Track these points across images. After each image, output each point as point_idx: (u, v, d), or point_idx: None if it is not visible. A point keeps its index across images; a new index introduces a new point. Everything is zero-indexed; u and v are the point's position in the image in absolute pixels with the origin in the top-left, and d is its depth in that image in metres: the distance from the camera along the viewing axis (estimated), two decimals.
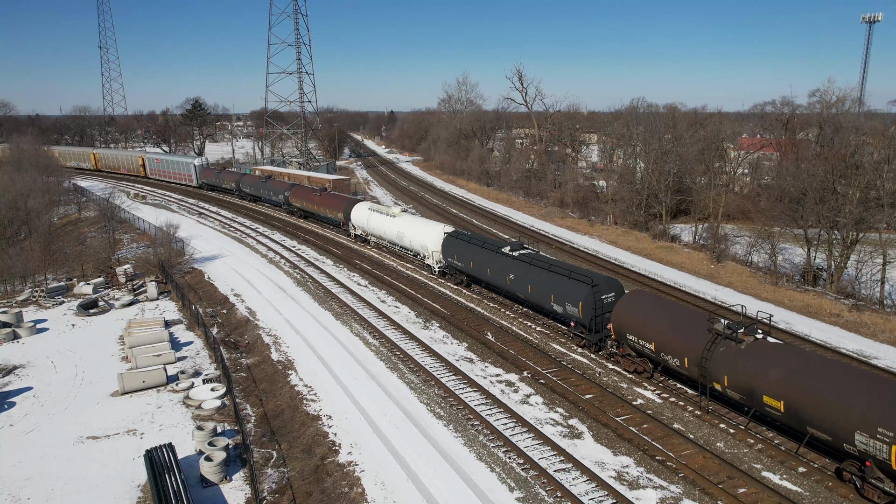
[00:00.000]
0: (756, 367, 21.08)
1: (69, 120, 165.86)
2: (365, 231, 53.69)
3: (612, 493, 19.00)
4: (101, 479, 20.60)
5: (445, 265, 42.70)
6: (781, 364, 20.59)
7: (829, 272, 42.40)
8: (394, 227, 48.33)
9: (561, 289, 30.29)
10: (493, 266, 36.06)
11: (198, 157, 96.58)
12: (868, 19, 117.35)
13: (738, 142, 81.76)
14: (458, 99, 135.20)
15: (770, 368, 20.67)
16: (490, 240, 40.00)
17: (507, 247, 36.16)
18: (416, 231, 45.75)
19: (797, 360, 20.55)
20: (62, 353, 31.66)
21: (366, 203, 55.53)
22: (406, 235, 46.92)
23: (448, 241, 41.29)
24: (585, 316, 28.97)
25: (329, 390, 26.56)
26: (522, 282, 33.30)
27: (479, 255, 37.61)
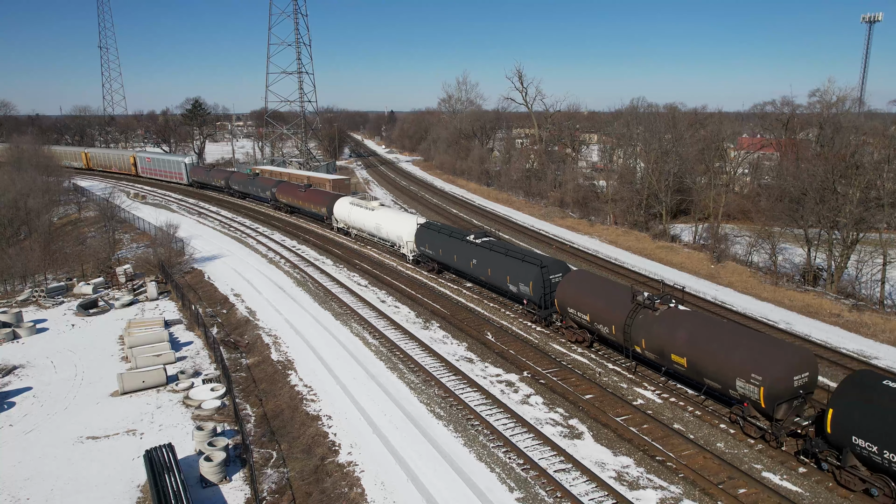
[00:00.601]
0: (666, 330, 24.60)
1: (69, 120, 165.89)
2: (346, 224, 56.95)
3: (612, 493, 18.99)
4: (100, 479, 20.59)
5: (419, 253, 45.86)
6: (686, 327, 24.09)
7: (830, 272, 42.37)
8: (372, 219, 51.68)
9: (515, 270, 33.88)
10: (459, 253, 39.48)
11: (188, 156, 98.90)
12: (868, 19, 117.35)
13: (739, 142, 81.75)
14: (458, 99, 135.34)
15: (677, 331, 24.20)
16: (457, 229, 43.87)
17: (471, 235, 39.78)
18: (392, 223, 48.98)
19: (698, 324, 24.16)
20: (62, 353, 31.64)
21: (347, 198, 58.61)
22: (383, 227, 50.25)
23: (420, 231, 44.58)
24: (536, 294, 32.37)
25: (329, 390, 26.55)
26: (483, 266, 36.90)
27: (447, 244, 41.07)
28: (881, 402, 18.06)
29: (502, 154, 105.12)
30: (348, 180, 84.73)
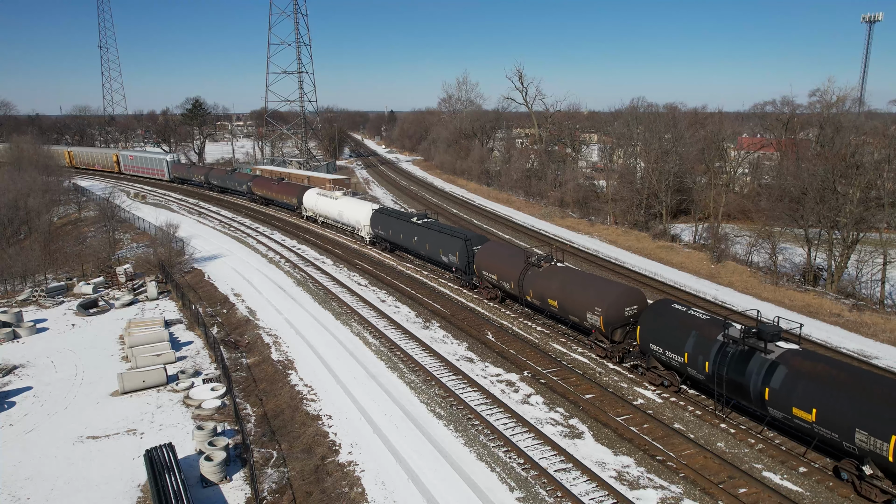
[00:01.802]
0: (546, 281, 31.84)
1: (69, 119, 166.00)
2: (314, 212, 63.60)
3: (612, 493, 18.98)
4: (101, 479, 20.59)
5: (374, 235, 52.36)
6: (559, 278, 31.43)
7: (830, 272, 42.37)
8: (335, 207, 58.74)
9: (446, 244, 40.98)
10: (405, 232, 46.24)
11: (169, 154, 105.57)
12: (868, 19, 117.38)
13: (739, 141, 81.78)
14: (458, 98, 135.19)
15: (552, 282, 31.47)
16: (403, 213, 51.92)
17: (414, 217, 46.50)
18: (352, 209, 55.98)
19: (567, 275, 31.61)
20: (62, 352, 31.64)
21: (314, 189, 65.44)
22: (345, 213, 57.15)
23: (374, 216, 51.30)
24: (461, 262, 39.64)
25: (329, 390, 26.55)
26: (423, 242, 43.73)
27: (395, 225, 47.76)
28: (666, 318, 25.44)
29: (502, 154, 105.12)
30: (348, 180, 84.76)
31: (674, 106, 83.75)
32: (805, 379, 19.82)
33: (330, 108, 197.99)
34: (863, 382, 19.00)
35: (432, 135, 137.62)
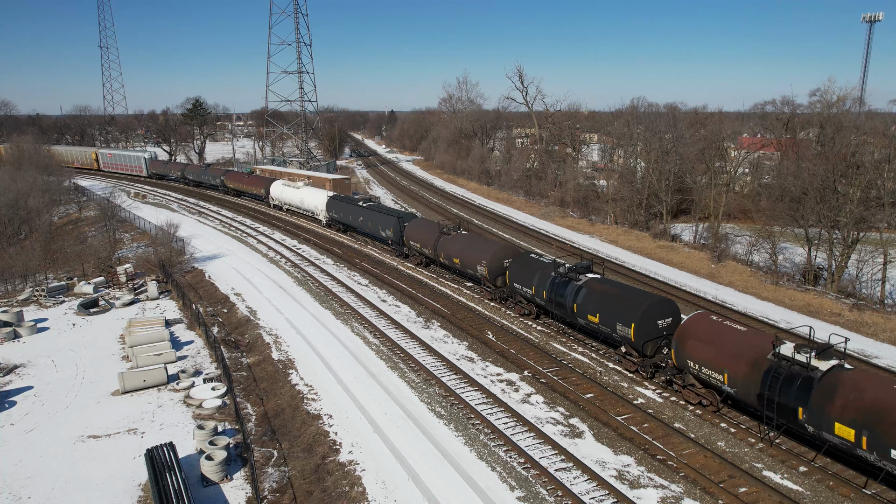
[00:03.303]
0: (452, 245, 41.02)
1: (70, 119, 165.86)
2: (280, 201, 71.08)
3: (612, 492, 19.00)
4: (101, 478, 20.60)
5: (329, 218, 60.71)
6: (461, 242, 40.59)
7: (830, 272, 42.37)
8: (298, 195, 66.75)
9: (383, 222, 50.03)
10: (353, 214, 55.14)
11: (146, 152, 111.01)
12: (869, 19, 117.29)
13: (739, 141, 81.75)
14: (458, 98, 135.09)
15: (456, 244, 40.71)
16: (352, 198, 59.83)
17: (360, 202, 56.10)
18: (311, 196, 64.32)
19: (466, 239, 40.76)
20: (63, 352, 31.66)
21: (280, 181, 73.31)
22: (305, 200, 65.09)
23: (330, 201, 60.06)
24: (395, 236, 48.35)
25: (330, 389, 26.56)
26: (367, 222, 52.66)
27: (346, 209, 56.69)
28: (523, 264, 34.44)
29: (503, 154, 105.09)
30: (348, 180, 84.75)
31: (674, 106, 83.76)
32: (595, 295, 28.59)
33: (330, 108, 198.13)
34: (623, 294, 27.78)
35: (432, 134, 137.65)
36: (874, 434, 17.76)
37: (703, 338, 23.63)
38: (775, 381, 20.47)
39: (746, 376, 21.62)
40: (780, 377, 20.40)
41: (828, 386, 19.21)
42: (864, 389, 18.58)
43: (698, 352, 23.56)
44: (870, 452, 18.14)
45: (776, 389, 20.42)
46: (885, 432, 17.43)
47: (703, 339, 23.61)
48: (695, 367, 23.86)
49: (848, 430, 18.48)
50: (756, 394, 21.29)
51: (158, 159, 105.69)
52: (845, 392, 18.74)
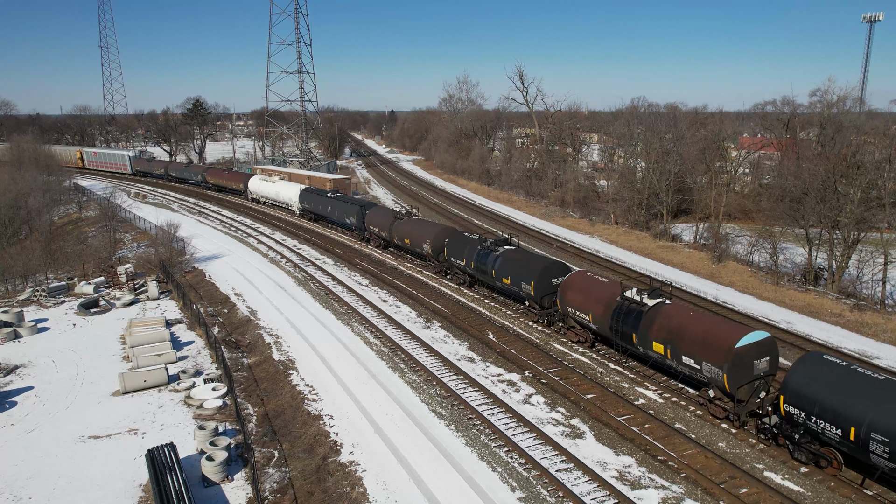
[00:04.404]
0: (404, 228, 47.65)
1: (70, 119, 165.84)
2: (257, 194, 76.65)
3: (613, 492, 18.99)
4: (102, 479, 20.60)
5: (302, 209, 66.99)
6: (411, 225, 47.29)
7: (831, 272, 42.36)
8: (273, 189, 72.49)
9: (347, 210, 56.68)
10: (322, 204, 61.63)
11: (131, 151, 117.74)
12: (869, 19, 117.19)
13: (739, 141, 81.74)
14: (458, 98, 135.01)
15: (406, 227, 47.45)
16: (321, 190, 67.61)
17: (328, 193, 63.38)
18: (286, 190, 70.14)
19: (418, 223, 47.62)
20: (63, 352, 31.65)
21: (258, 176, 79.26)
22: (281, 193, 70.94)
23: (302, 193, 66.69)
24: (357, 222, 54.99)
25: (330, 390, 26.56)
26: (334, 210, 59.25)
27: (316, 199, 63.17)
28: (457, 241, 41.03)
29: (503, 153, 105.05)
30: (349, 180, 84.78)
31: (674, 106, 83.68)
32: (507, 262, 35.14)
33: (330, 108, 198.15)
34: (528, 259, 34.46)
35: (433, 134, 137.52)
36: (674, 347, 24.29)
37: (577, 289, 30.16)
38: (619, 315, 27.01)
39: (603, 314, 28.08)
40: (622, 312, 26.92)
41: (650, 316, 25.59)
42: (671, 317, 24.91)
43: (574, 299, 30.16)
44: (672, 361, 24.62)
45: (619, 321, 26.95)
46: (679, 345, 24.09)
47: (577, 289, 30.13)
48: (572, 311, 30.50)
49: (660, 346, 24.99)
50: (609, 326, 27.74)
51: (142, 157, 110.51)
52: (659, 320, 25.14)
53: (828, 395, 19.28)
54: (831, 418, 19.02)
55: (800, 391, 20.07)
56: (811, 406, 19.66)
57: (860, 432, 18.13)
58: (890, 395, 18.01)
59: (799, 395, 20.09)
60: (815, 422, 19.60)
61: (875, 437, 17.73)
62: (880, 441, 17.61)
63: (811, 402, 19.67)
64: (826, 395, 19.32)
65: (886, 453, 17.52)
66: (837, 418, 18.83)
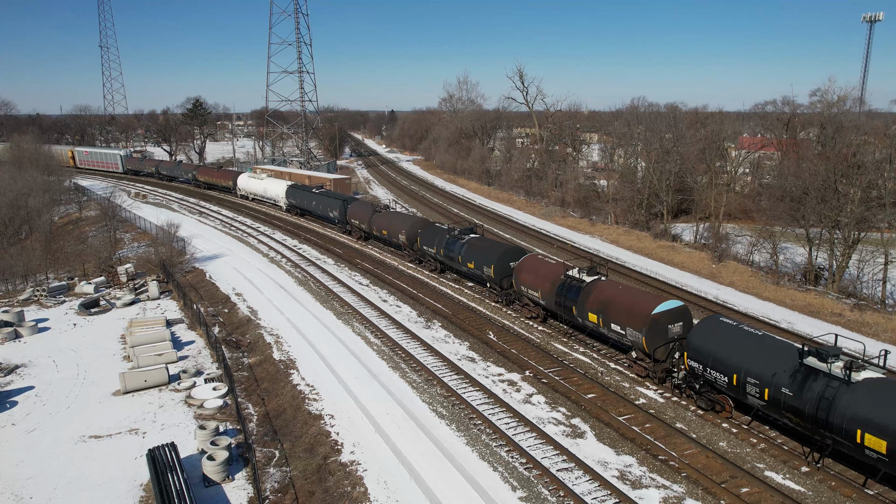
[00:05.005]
0: (382, 220, 51.07)
1: (70, 119, 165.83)
2: (246, 191, 79.13)
3: (614, 492, 18.99)
4: (103, 479, 20.60)
5: (289, 205, 70.31)
6: (387, 217, 50.93)
7: (831, 272, 42.37)
8: (261, 185, 75.60)
9: (331, 204, 60.11)
10: (307, 199, 65.21)
11: (122, 150, 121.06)
12: (869, 19, 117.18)
13: (739, 141, 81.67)
14: (458, 98, 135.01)
15: (385, 220, 50.89)
16: (307, 186, 70.88)
17: (313, 189, 66.95)
18: (273, 186, 73.37)
19: (394, 215, 51.45)
20: (64, 352, 31.65)
21: (246, 173, 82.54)
22: (268, 190, 74.05)
23: (289, 189, 70.10)
24: (340, 215, 58.45)
25: (331, 389, 26.55)
26: (318, 205, 62.94)
27: (301, 195, 66.79)
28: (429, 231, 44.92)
29: (503, 153, 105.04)
30: (349, 180, 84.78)
31: (674, 105, 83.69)
32: (472, 248, 38.89)
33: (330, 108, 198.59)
34: (489, 245, 38.33)
35: (433, 134, 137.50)
36: (605, 316, 27.85)
37: (529, 270, 33.84)
38: (562, 291, 30.85)
39: (549, 291, 31.85)
40: (565, 288, 30.71)
41: (587, 291, 29.28)
42: (603, 291, 28.57)
43: (527, 279, 33.71)
44: (604, 328, 28.14)
45: (563, 296, 30.75)
46: (608, 314, 27.64)
47: (529, 270, 33.82)
48: (525, 290, 33.97)
49: (594, 316, 28.60)
50: (554, 301, 31.53)
51: (133, 156, 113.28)
52: (594, 294, 28.79)
53: (718, 350, 22.92)
54: (721, 368, 22.69)
55: (699, 347, 23.69)
56: (706, 359, 23.30)
57: (740, 378, 21.90)
58: (763, 347, 21.77)
59: (698, 351, 23.71)
60: (709, 372, 23.29)
61: (750, 381, 21.56)
62: (753, 384, 21.47)
63: (706, 355, 23.29)
64: (717, 350, 22.97)
65: (757, 393, 21.39)
66: (725, 368, 22.51)
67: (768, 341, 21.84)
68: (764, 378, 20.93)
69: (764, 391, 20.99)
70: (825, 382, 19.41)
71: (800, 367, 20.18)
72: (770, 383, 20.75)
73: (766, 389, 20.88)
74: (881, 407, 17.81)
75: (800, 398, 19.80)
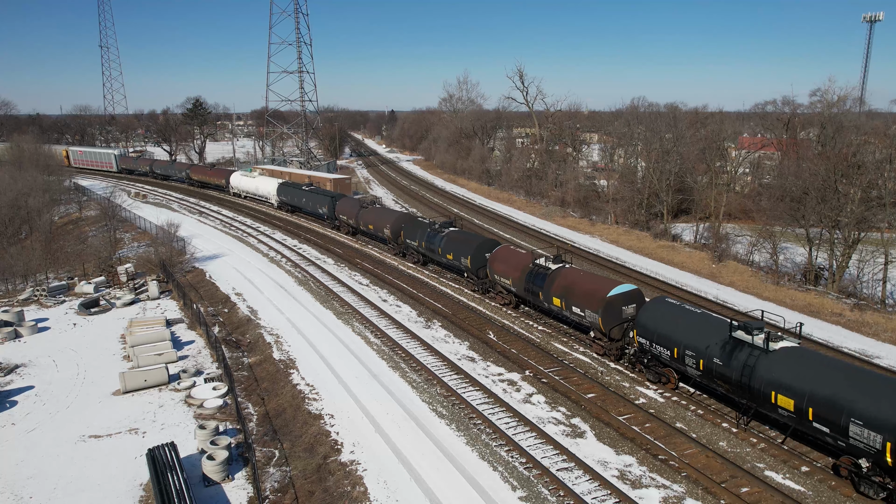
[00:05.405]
0: (368, 215, 53.14)
1: (70, 119, 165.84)
2: (239, 189, 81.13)
3: (614, 492, 18.98)
4: (103, 478, 20.60)
5: (280, 202, 71.92)
6: (374, 213, 53.00)
7: (831, 271, 42.36)
8: (253, 183, 77.82)
9: (320, 201, 62.27)
10: (298, 197, 67.45)
11: (116, 149, 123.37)
12: (869, 19, 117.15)
13: (739, 141, 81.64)
14: (458, 98, 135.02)
15: (371, 215, 52.87)
16: (296, 183, 72.51)
17: (303, 186, 68.87)
18: (264, 184, 75.48)
19: (380, 210, 53.35)
20: (64, 352, 31.65)
21: (239, 171, 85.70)
22: (260, 188, 76.09)
23: (280, 187, 71.94)
24: (329, 212, 60.49)
25: (331, 389, 26.55)
26: (308, 202, 65.06)
27: (293, 192, 68.79)
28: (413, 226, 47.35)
29: (503, 153, 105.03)
30: (349, 180, 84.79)
31: (674, 105, 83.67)
32: (451, 241, 41.37)
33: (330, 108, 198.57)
34: (466, 238, 40.78)
35: (433, 134, 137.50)
36: (567, 300, 30.35)
37: (501, 259, 36.44)
38: (530, 278, 33.29)
39: (519, 278, 34.24)
40: (533, 275, 33.13)
41: (552, 277, 31.76)
42: (566, 277, 31.11)
43: (499, 268, 36.32)
44: (566, 311, 30.63)
45: (531, 283, 33.18)
46: (570, 298, 30.13)
47: (501, 260, 36.42)
48: (499, 278, 36.54)
49: (558, 300, 31.08)
50: (524, 287, 33.96)
51: (127, 156, 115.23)
52: (558, 280, 31.25)
53: (663, 327, 25.42)
54: (664, 343, 25.18)
55: (646, 325, 26.23)
56: (653, 335, 25.81)
57: (680, 351, 24.37)
58: (699, 323, 24.29)
59: (645, 328, 26.25)
60: (655, 347, 25.75)
61: (688, 353, 24.02)
62: (691, 356, 23.92)
63: (653, 332, 25.80)
64: (661, 327, 25.48)
65: (694, 364, 23.88)
66: (668, 343, 25.01)
67: (705, 318, 24.47)
68: (699, 350, 23.47)
69: (699, 362, 23.52)
70: (749, 352, 21.78)
71: (729, 339, 22.56)
72: (704, 355, 23.26)
73: (701, 360, 23.41)
74: (791, 371, 20.35)
75: (728, 367, 22.26)
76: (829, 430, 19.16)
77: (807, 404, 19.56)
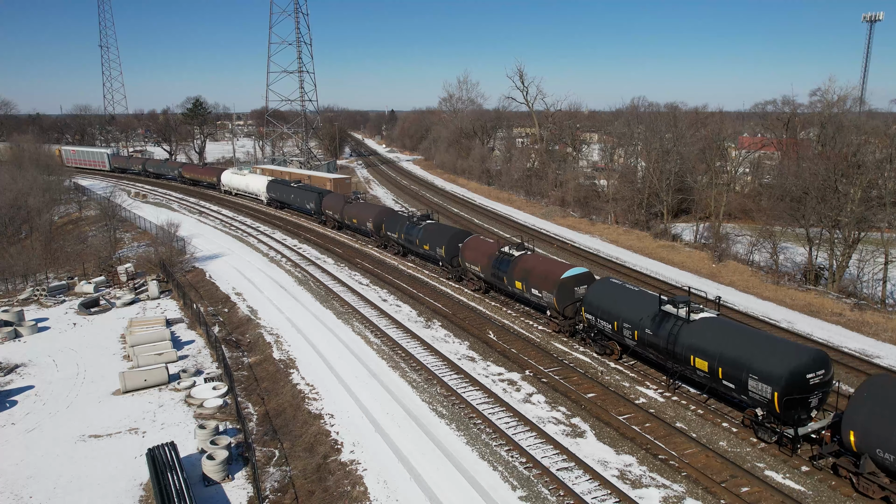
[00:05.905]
0: (352, 210, 56.09)
1: (70, 119, 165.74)
2: (230, 187, 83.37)
3: (615, 491, 18.98)
4: (103, 478, 20.59)
5: (269, 198, 74.76)
6: (358, 207, 56.33)
7: (831, 271, 42.35)
8: (244, 181, 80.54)
9: (308, 197, 65.29)
10: (286, 193, 70.37)
11: (109, 148, 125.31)
12: (869, 18, 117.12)
13: (739, 141, 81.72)
14: (458, 98, 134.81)
15: (355, 209, 55.96)
16: (285, 180, 75.26)
17: (291, 183, 71.89)
18: (254, 182, 78.30)
19: (364, 205, 56.91)
20: (64, 351, 31.65)
21: (230, 169, 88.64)
22: (250, 185, 78.78)
23: (269, 184, 74.71)
24: (316, 206, 63.33)
25: (331, 389, 26.55)
26: (297, 198, 68.10)
27: (280, 189, 71.81)
28: (392, 218, 50.79)
29: (503, 153, 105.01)
30: (349, 180, 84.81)
31: (674, 105, 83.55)
32: (427, 232, 44.13)
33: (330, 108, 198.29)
34: (440, 229, 43.67)
35: (433, 134, 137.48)
36: (527, 283, 33.16)
37: (471, 248, 39.29)
38: (497, 264, 36.17)
39: (487, 265, 37.13)
40: (498, 261, 36.05)
41: (515, 262, 34.63)
42: (527, 262, 33.94)
43: (469, 256, 39.09)
44: (527, 293, 33.49)
45: (497, 268, 36.06)
46: (529, 281, 33.04)
47: (471, 248, 39.26)
48: (469, 265, 39.30)
49: (519, 283, 33.95)
50: (490, 273, 36.83)
51: (119, 155, 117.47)
52: (520, 265, 34.09)
53: (605, 303, 28.30)
54: (607, 318, 28.05)
55: (592, 302, 29.02)
56: (597, 311, 28.59)
57: (619, 324, 27.26)
58: (636, 300, 27.13)
59: (591, 305, 29.01)
60: (600, 322, 28.58)
61: (625, 326, 26.95)
62: (627, 328, 26.83)
63: (597, 308, 28.58)
64: (604, 303, 28.33)
65: (630, 335, 26.78)
66: (609, 317, 27.89)
67: (641, 295, 27.42)
68: (634, 322, 26.34)
69: (634, 333, 26.48)
70: (674, 322, 24.67)
71: (658, 311, 25.47)
72: (638, 326, 26.11)
73: (636, 331, 26.31)
74: (706, 337, 23.35)
75: (657, 336, 25.16)
76: (734, 387, 22.12)
77: (717, 364, 22.53)
